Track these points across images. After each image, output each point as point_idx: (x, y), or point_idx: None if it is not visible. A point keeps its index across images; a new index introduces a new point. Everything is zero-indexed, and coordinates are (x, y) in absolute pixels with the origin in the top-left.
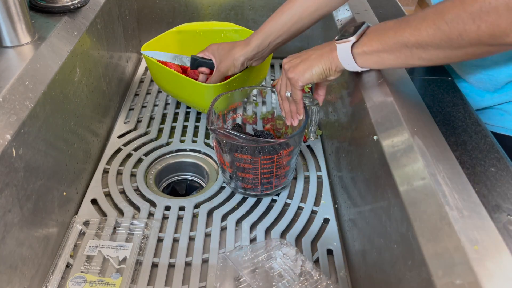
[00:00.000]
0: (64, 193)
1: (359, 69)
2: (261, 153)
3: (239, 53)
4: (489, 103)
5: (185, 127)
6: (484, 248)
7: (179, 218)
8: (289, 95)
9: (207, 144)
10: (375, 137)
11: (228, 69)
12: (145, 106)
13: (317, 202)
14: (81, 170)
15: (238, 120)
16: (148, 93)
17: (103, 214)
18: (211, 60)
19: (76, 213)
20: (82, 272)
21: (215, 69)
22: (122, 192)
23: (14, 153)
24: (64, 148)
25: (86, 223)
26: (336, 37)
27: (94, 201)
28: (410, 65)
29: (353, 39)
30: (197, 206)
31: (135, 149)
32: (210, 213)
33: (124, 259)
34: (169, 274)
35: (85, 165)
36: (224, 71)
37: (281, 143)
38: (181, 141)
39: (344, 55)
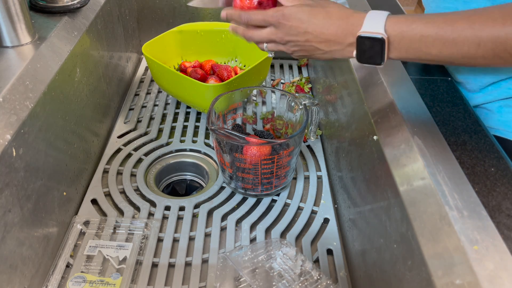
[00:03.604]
0: (64, 193)
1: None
2: None
3: None
4: (474, 103)
5: (185, 127)
6: (484, 248)
7: (179, 218)
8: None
9: (207, 144)
10: (375, 137)
11: None
12: (145, 106)
13: (317, 202)
14: (81, 170)
15: (238, 120)
16: (148, 93)
17: (103, 214)
18: None
19: (76, 213)
20: (82, 272)
21: None
22: (122, 192)
23: (14, 153)
24: (64, 148)
25: (86, 223)
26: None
27: (94, 201)
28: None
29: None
30: (197, 206)
31: (135, 149)
32: (210, 213)
33: (124, 259)
34: (169, 274)
35: (85, 165)
36: None
37: (281, 143)
38: (181, 141)
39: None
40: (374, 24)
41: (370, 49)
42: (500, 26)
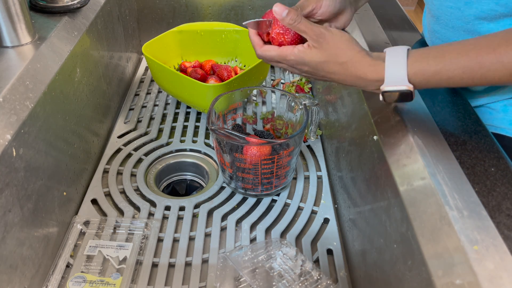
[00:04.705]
0: (64, 193)
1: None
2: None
3: None
4: (478, 103)
5: (185, 127)
6: (484, 248)
7: (179, 218)
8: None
9: (207, 144)
10: (375, 137)
11: None
12: (145, 106)
13: (317, 202)
14: (81, 170)
15: (238, 120)
16: (148, 93)
17: (103, 214)
18: None
19: (76, 213)
20: (82, 272)
21: None
22: (122, 192)
23: (14, 153)
24: (64, 148)
25: (86, 223)
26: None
27: (94, 201)
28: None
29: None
30: (197, 206)
31: (135, 149)
32: (210, 213)
33: (124, 259)
34: (169, 274)
35: (85, 165)
36: None
37: (281, 143)
38: (181, 141)
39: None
40: (397, 75)
41: (397, 97)
42: None
